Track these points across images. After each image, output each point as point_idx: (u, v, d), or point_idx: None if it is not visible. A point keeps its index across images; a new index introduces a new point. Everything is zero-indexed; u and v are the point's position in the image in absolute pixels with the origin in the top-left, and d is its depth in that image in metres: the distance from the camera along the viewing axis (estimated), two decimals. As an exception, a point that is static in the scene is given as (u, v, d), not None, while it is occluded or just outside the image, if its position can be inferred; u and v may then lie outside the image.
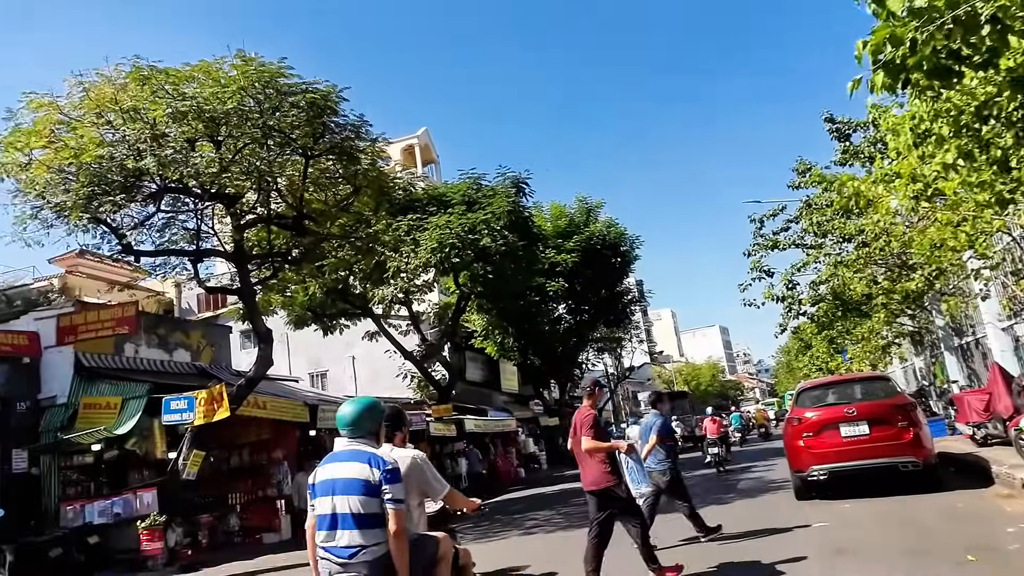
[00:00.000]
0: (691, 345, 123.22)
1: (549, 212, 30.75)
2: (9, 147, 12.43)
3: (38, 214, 13.02)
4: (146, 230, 15.18)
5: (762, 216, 18.40)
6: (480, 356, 33.63)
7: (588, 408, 6.92)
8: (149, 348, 16.56)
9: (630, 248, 31.09)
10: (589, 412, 6.84)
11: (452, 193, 20.43)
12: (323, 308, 21.59)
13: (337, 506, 3.60)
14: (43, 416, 14.02)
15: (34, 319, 15.22)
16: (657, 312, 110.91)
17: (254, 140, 13.25)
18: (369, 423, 3.87)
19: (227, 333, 20.46)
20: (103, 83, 12.60)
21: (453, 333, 24.89)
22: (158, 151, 12.35)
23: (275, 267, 16.85)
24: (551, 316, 31.98)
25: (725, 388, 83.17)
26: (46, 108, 12.47)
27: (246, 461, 16.66)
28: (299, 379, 24.98)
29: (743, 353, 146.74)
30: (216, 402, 12.99)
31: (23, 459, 13.39)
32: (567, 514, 13.54)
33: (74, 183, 12.42)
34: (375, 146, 16.13)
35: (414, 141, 45.15)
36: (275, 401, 15.91)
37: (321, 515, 3.65)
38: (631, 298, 34.87)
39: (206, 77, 12.86)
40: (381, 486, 3.58)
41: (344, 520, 3.58)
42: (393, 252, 18.50)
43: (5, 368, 13.86)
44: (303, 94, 13.19)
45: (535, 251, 23.55)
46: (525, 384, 38.41)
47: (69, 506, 13.14)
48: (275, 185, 14.94)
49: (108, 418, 13.40)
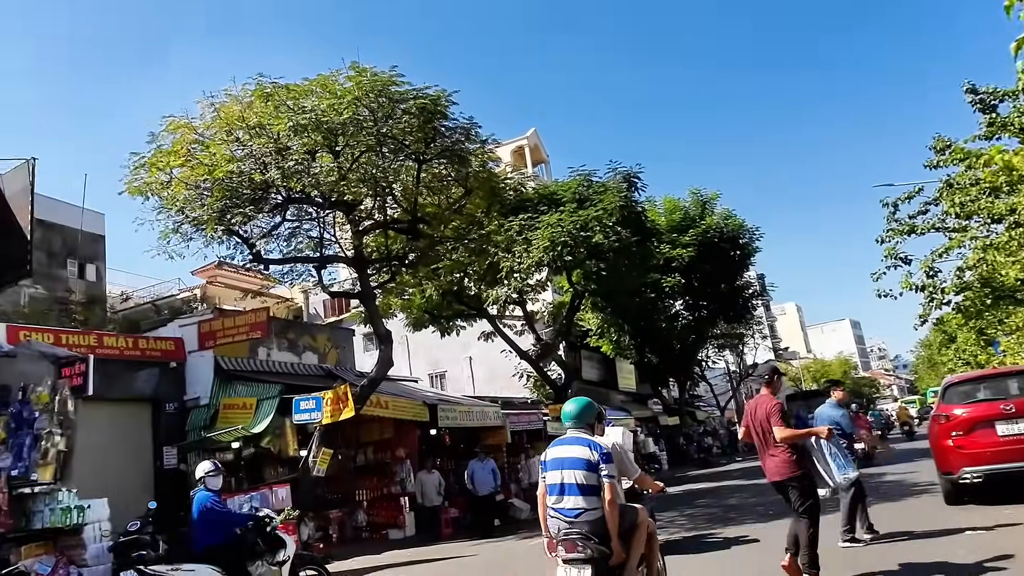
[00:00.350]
0: (819, 341, 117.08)
1: (662, 206, 29.99)
2: (152, 167, 13.43)
3: (179, 228, 13.99)
4: (274, 239, 16.06)
5: (896, 200, 17.05)
6: (596, 355, 33.32)
7: (769, 396, 6.63)
8: (280, 351, 17.48)
9: (749, 240, 29.81)
10: (773, 401, 6.53)
11: (563, 191, 20.31)
12: (439, 310, 22.04)
13: (565, 478, 4.79)
14: (188, 416, 15.07)
15: (179, 326, 16.42)
16: (781, 307, 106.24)
17: (369, 148, 13.69)
18: (587, 417, 5.13)
19: (351, 336, 21.30)
20: (231, 102, 13.41)
21: (568, 332, 24.77)
22: (282, 163, 13.00)
23: (393, 271, 17.34)
24: (668, 313, 31.20)
25: (858, 385, 78.21)
26: (182, 129, 13.40)
27: (371, 459, 17.25)
28: (418, 379, 25.67)
29: (878, 348, 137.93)
30: (342, 402, 13.50)
31: (173, 455, 14.45)
32: (691, 516, 13.11)
33: (209, 198, 13.28)
34: (485, 147, 16.29)
35: (523, 142, 45.40)
36: (396, 401, 16.38)
37: (551, 484, 4.87)
38: (752, 292, 33.45)
39: (323, 90, 13.41)
40: (599, 464, 4.72)
41: (570, 488, 4.76)
42: (506, 252, 18.60)
43: (156, 372, 14.99)
44: (414, 100, 13.50)
45: (649, 247, 23.01)
46: (643, 383, 37.74)
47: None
48: (390, 191, 15.38)
49: (245, 418, 14.22)
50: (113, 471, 12.81)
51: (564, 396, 23.91)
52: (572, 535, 4.64)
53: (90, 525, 10.10)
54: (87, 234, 22.94)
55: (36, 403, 10.30)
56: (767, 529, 10.60)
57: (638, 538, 4.93)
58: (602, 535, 4.64)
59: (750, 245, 29.87)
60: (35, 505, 10.09)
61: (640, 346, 31.77)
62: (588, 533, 4.63)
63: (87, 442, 11.12)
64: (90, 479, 10.72)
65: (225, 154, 13.10)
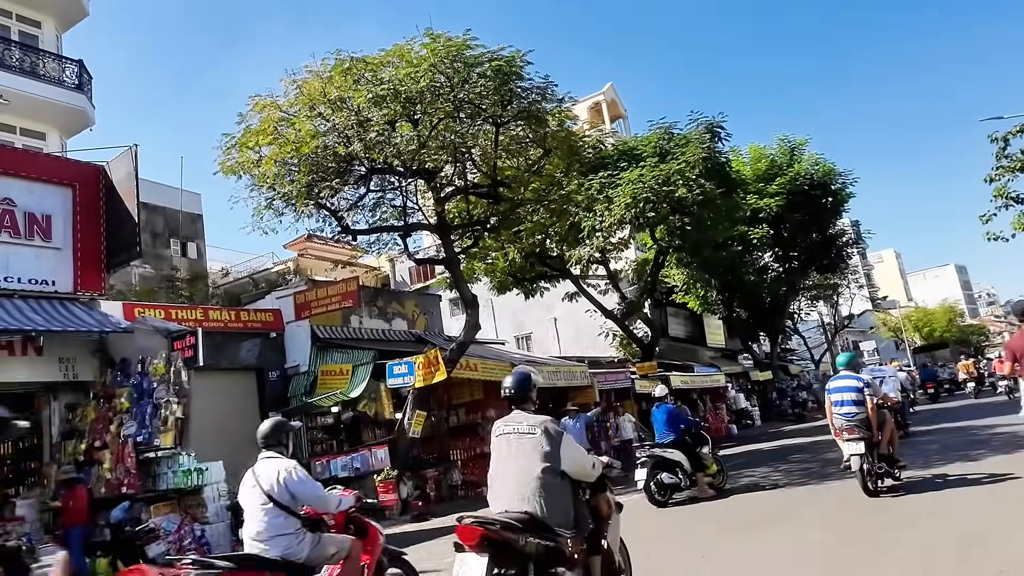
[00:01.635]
0: (921, 288, 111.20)
1: (748, 155, 28.89)
2: (243, 147, 13.97)
3: (271, 204, 14.56)
4: (359, 210, 16.48)
5: (1006, 134, 15.94)
6: (682, 311, 32.82)
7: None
8: (371, 319, 18.04)
9: (842, 186, 28.36)
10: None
11: (643, 146, 19.87)
12: (523, 272, 22.16)
13: (844, 396, 8.74)
14: (290, 383, 15.84)
15: (275, 298, 17.16)
16: (878, 254, 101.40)
17: (447, 115, 13.76)
18: (856, 363, 9.38)
19: (437, 302, 21.73)
20: (312, 78, 13.72)
21: (653, 289, 24.47)
22: (363, 135, 13.27)
23: (475, 235, 17.52)
24: (756, 266, 30.28)
25: (965, 333, 74.01)
26: (268, 108, 13.84)
27: (463, 420, 17.70)
28: (505, 342, 26.00)
29: (986, 294, 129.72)
30: (433, 366, 13.85)
31: (278, 421, 15.26)
32: (786, 471, 12.85)
33: (297, 173, 13.73)
34: (562, 107, 16.09)
35: (600, 98, 44.57)
36: (485, 363, 16.68)
37: (836, 400, 8.79)
38: (846, 240, 31.95)
39: (400, 60, 13.53)
40: (864, 388, 8.69)
41: (847, 403, 8.70)
42: (587, 212, 18.46)
43: (257, 342, 15.77)
44: (489, 63, 13.45)
45: (735, 198, 22.31)
46: (732, 338, 36.97)
47: (317, 461, 14.79)
48: (469, 156, 15.47)
49: (342, 383, 14.83)
50: (225, 436, 13.61)
51: (652, 354, 23.78)
52: (851, 424, 8.55)
53: (209, 486, 10.85)
54: (187, 214, 24.15)
55: (154, 375, 11.07)
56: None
57: (886, 429, 8.80)
58: (867, 426, 8.50)
59: (843, 191, 28.45)
60: (159, 468, 10.93)
61: (728, 301, 31.04)
62: (859, 423, 8.52)
63: (201, 409, 11.89)
64: (206, 444, 11.44)
65: (309, 130, 13.46)
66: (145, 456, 10.77)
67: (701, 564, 6.74)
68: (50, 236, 11.52)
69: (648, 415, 23.73)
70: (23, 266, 11.17)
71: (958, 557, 5.66)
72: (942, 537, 6.35)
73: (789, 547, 6.92)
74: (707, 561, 6.81)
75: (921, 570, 5.46)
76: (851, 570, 5.77)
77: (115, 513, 9.32)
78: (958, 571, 5.35)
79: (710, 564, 6.69)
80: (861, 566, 5.79)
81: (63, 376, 11.53)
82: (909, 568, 5.55)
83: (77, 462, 10.75)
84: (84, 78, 19.68)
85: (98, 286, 12.08)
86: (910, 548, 6.12)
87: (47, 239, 11.49)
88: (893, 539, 6.54)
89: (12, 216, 11.14)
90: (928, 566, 5.52)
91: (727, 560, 6.75)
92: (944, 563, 5.56)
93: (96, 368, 11.90)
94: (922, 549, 6.04)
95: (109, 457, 10.94)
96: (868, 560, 5.91)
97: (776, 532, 7.73)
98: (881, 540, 6.55)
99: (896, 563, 5.72)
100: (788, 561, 6.36)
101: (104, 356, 11.93)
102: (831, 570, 5.89)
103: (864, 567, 5.76)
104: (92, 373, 11.85)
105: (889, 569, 5.61)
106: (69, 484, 9.70)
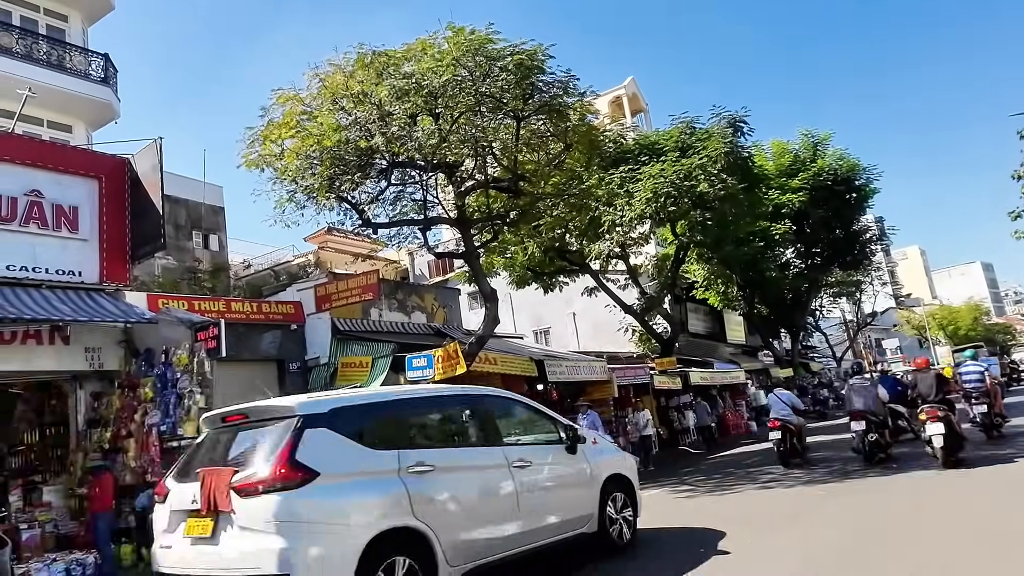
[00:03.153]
0: (946, 285, 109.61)
1: (770, 150, 28.59)
2: (266, 140, 14.08)
3: (292, 197, 14.65)
4: (380, 204, 16.53)
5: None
6: (702, 307, 32.62)
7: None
8: (390, 312, 18.12)
9: (866, 181, 28.03)
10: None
11: (664, 140, 19.73)
12: (542, 267, 22.13)
13: (972, 376, 13.17)
14: (310, 375, 15.95)
15: (296, 290, 17.28)
16: (903, 251, 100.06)
17: (468, 108, 13.75)
18: (976, 356, 14.01)
19: (456, 295, 21.77)
20: (335, 72, 13.77)
21: (673, 285, 24.34)
22: (385, 129, 13.29)
23: (495, 229, 17.51)
24: (778, 262, 29.98)
25: (991, 332, 72.83)
26: (291, 101, 13.92)
27: (483, 414, 17.71)
28: (524, 336, 25.99)
29: (1013, 292, 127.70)
30: (452, 359, 13.89)
31: (299, 412, 15.38)
32: (807, 469, 12.77)
33: (319, 166, 13.78)
34: (583, 101, 16.03)
35: (621, 92, 44.26)
36: (504, 357, 16.69)
37: (967, 379, 13.29)
38: (870, 237, 31.56)
39: (422, 54, 13.55)
40: (985, 371, 13.25)
41: (974, 381, 13.14)
42: (607, 206, 18.37)
43: (279, 334, 15.89)
44: (511, 57, 13.41)
45: (757, 193, 22.12)
46: (752, 335, 36.70)
47: (337, 453, 14.90)
48: (490, 150, 15.45)
49: (361, 375, 14.92)
50: (247, 426, 13.76)
51: (671, 349, 23.67)
52: (979, 393, 12.82)
53: (231, 476, 10.95)
54: (209, 206, 24.38)
55: (177, 365, 11.20)
56: (888, 482, 10.20)
57: (998, 396, 12.18)
58: (987, 394, 12.80)
59: (867, 186, 28.11)
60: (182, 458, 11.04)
61: (749, 297, 30.80)
62: (983, 392, 12.88)
63: (223, 400, 12.00)
64: (228, 434, 11.55)
65: (331, 123, 13.52)
66: (169, 445, 10.91)
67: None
68: (77, 227, 11.69)
69: (666, 411, 23.73)
70: (50, 257, 11.33)
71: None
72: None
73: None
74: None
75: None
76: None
77: (140, 500, 9.46)
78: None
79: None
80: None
81: (89, 365, 11.71)
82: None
83: (103, 450, 10.92)
84: (110, 71, 19.91)
85: (123, 277, 12.23)
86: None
87: (74, 230, 11.65)
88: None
89: (40, 208, 11.31)
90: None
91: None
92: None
93: (121, 358, 12.07)
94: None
95: (134, 445, 11.10)
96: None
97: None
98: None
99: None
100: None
101: (129, 346, 12.10)
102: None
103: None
104: (117, 363, 12.02)
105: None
106: (95, 471, 9.86)
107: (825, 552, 6.57)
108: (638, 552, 7.30)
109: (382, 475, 5.54)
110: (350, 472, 5.43)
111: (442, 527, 5.62)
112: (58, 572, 8.51)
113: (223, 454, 5.82)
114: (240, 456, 5.60)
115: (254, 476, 5.19)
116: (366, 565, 5.05)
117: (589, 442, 7.44)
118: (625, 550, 7.30)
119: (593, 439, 7.73)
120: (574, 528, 6.90)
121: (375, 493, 5.44)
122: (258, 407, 6.10)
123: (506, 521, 6.22)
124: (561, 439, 7.20)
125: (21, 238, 11.07)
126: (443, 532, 5.60)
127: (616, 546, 7.25)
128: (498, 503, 6.25)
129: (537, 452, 6.95)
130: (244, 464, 5.39)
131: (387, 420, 6.23)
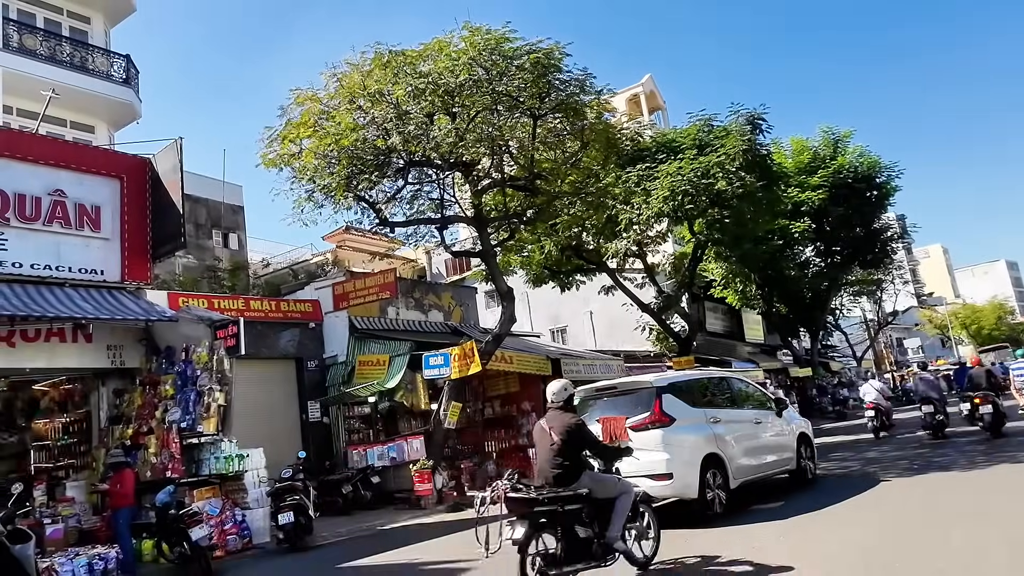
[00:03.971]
0: (969, 284, 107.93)
1: (790, 148, 28.34)
2: (285, 140, 14.17)
3: (311, 196, 14.72)
4: (397, 203, 16.55)
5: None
6: (721, 306, 32.43)
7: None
8: (408, 310, 18.21)
9: (887, 179, 27.63)
10: None
11: (681, 138, 19.62)
12: (559, 265, 22.09)
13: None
14: (328, 372, 16.08)
15: (315, 289, 17.43)
16: (924, 249, 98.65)
17: (485, 107, 13.76)
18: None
19: (473, 294, 21.83)
20: (352, 71, 13.83)
21: (690, 283, 24.21)
22: (402, 128, 13.33)
23: (512, 228, 17.51)
24: (797, 260, 29.69)
25: (1015, 331, 71.72)
26: (309, 101, 14.00)
27: (498, 412, 17.79)
28: (540, 335, 25.99)
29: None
30: (468, 357, 13.94)
31: (317, 409, 15.53)
32: (827, 469, 12.66)
33: (336, 166, 13.85)
34: (600, 99, 15.98)
35: (638, 90, 44.11)
36: (520, 355, 16.72)
37: (1019, 375, 14.39)
38: (891, 235, 31.12)
39: (439, 53, 13.56)
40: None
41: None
42: (624, 204, 18.30)
43: (297, 332, 16.04)
44: (527, 55, 13.39)
45: (776, 191, 21.91)
46: (771, 334, 36.44)
47: (354, 449, 15.01)
48: (507, 149, 15.45)
49: (379, 373, 15.01)
50: (265, 424, 13.91)
51: (689, 348, 23.56)
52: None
53: (249, 472, 11.09)
54: (228, 206, 24.62)
55: (197, 362, 11.34)
56: (911, 484, 10.10)
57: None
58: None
59: (888, 184, 27.74)
60: (202, 454, 11.20)
61: (768, 296, 30.55)
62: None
63: (242, 397, 12.15)
64: (247, 431, 11.69)
65: (349, 123, 13.58)
66: (188, 442, 11.05)
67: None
68: (99, 227, 11.87)
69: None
70: (73, 255, 11.52)
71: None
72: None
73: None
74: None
75: None
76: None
77: (160, 496, 9.59)
78: None
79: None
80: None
81: (111, 363, 11.90)
82: None
83: (124, 446, 11.09)
84: (131, 72, 20.16)
85: (144, 275, 12.40)
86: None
87: (96, 230, 11.83)
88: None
89: (64, 207, 11.50)
90: None
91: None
92: None
93: (142, 355, 12.24)
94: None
95: (154, 442, 11.26)
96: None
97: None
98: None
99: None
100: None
101: (150, 344, 12.27)
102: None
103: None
104: (138, 360, 12.19)
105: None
106: (117, 467, 10.02)
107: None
108: (821, 484, 10.78)
109: (700, 422, 9.05)
110: (686, 419, 8.82)
111: (730, 456, 9.10)
112: (81, 566, 8.63)
113: (608, 410, 8.81)
114: (623, 411, 8.60)
115: (643, 419, 8.59)
116: (703, 470, 8.58)
117: (787, 411, 10.92)
118: (814, 483, 10.90)
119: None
120: (783, 466, 10.49)
121: (700, 433, 8.93)
122: (624, 382, 10.09)
123: (758, 456, 9.85)
124: (772, 407, 10.73)
125: (45, 237, 11.27)
126: (731, 459, 9.09)
127: (807, 479, 10.87)
128: (753, 444, 9.85)
129: (763, 414, 10.49)
130: (629, 414, 8.46)
131: (695, 390, 9.76)
